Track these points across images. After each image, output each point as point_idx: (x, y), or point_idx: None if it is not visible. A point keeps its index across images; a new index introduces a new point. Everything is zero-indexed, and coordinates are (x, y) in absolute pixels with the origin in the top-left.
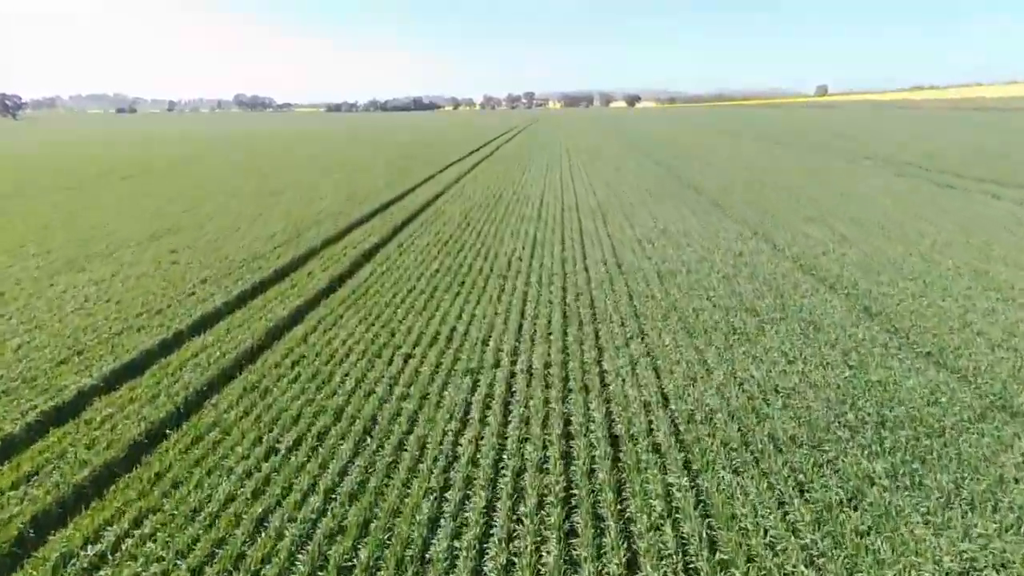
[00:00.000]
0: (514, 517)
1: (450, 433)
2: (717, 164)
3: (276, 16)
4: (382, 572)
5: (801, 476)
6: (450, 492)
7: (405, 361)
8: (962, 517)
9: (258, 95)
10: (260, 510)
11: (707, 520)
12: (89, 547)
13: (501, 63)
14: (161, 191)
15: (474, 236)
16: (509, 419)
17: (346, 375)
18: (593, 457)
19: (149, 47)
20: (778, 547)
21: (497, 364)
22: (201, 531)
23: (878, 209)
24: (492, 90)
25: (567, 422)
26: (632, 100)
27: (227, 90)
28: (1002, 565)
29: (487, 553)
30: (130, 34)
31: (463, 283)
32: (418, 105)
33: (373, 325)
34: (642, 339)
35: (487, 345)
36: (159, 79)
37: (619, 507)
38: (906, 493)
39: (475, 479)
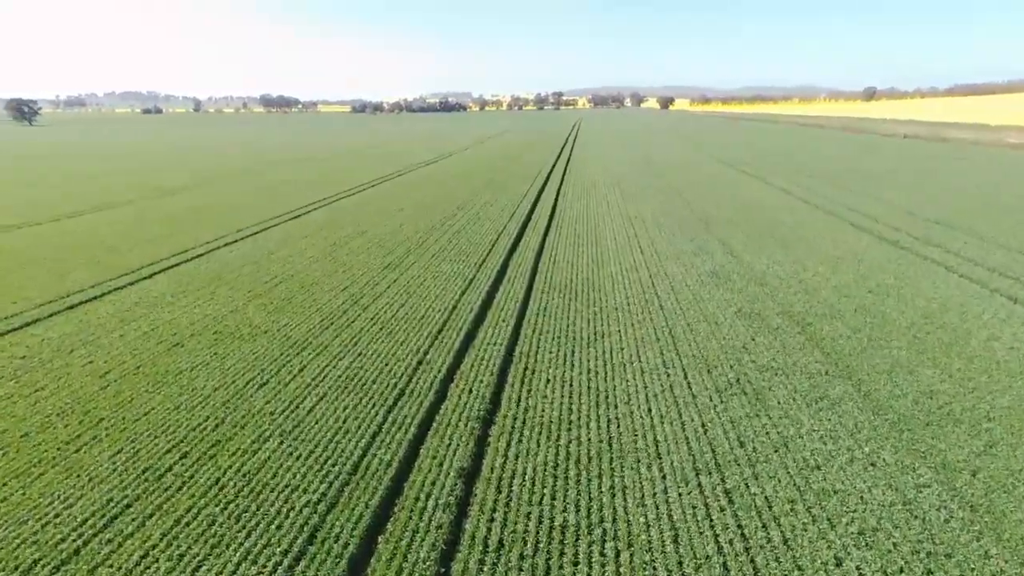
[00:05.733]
0: None
1: None
2: None
3: (296, 15)
4: None
5: None
6: None
7: None
8: None
9: (284, 95)
10: None
11: None
12: None
13: (529, 61)
14: None
15: None
16: None
17: None
18: None
19: (179, 46)
20: None
21: None
22: None
23: None
24: (519, 88)
25: None
26: (665, 102)
27: (254, 89)
28: None
29: None
30: (162, 33)
31: None
32: (444, 106)
33: None
34: None
35: None
36: (188, 77)
37: None
38: None
39: None
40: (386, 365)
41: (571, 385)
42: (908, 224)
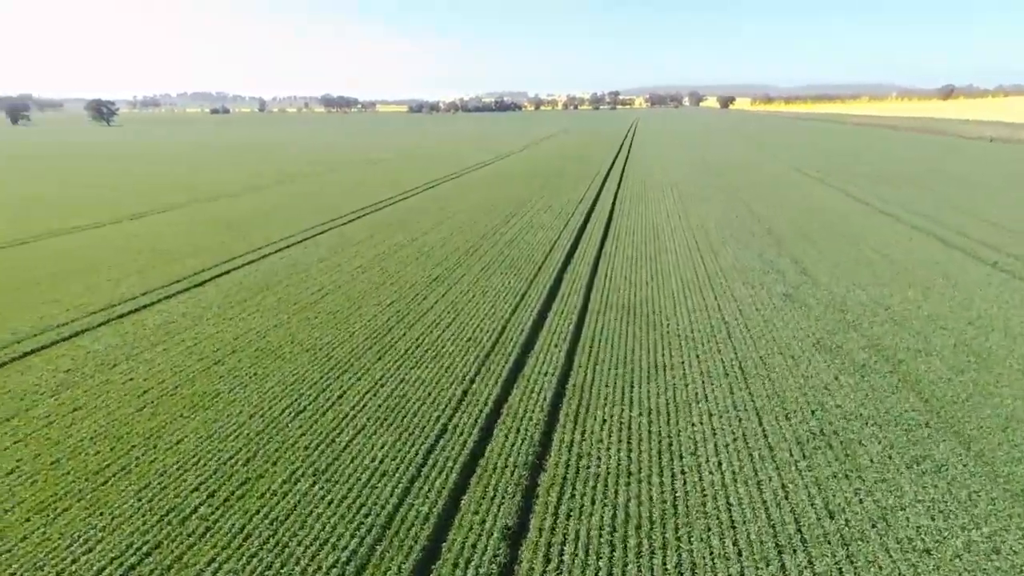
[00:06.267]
0: None
1: None
2: None
3: (360, 16)
4: None
5: None
6: None
7: None
8: None
9: (344, 95)
10: None
11: None
12: None
13: (586, 61)
14: None
15: None
16: None
17: None
18: None
19: (246, 49)
20: None
21: None
22: None
23: None
24: (574, 87)
25: None
26: (725, 101)
27: (315, 89)
28: None
29: None
30: (230, 37)
31: None
32: (499, 106)
33: None
34: None
35: None
36: (254, 78)
37: None
38: None
39: None
40: (429, 395)
41: (630, 428)
42: (1005, 241)
